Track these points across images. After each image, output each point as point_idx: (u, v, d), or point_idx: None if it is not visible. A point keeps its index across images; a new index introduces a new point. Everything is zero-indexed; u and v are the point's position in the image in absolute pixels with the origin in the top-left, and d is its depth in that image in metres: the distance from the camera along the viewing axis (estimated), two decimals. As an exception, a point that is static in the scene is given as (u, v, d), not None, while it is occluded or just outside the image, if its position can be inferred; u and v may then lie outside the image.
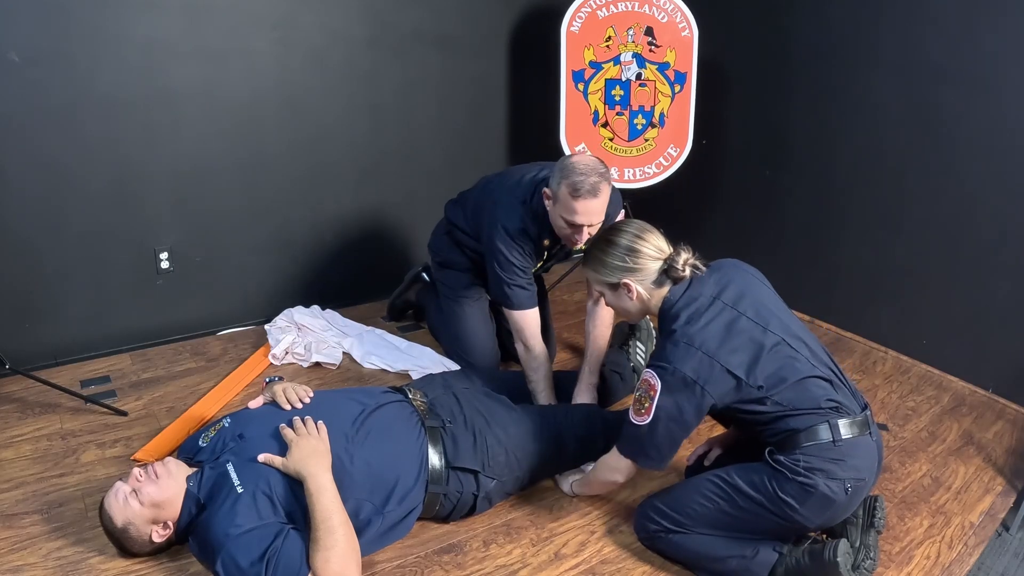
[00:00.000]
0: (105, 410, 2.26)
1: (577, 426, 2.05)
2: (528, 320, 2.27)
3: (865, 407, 1.70)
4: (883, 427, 2.40)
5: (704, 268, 1.74)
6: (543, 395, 2.27)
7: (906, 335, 2.91)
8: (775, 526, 1.68)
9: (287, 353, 2.61)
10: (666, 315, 1.71)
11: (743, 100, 3.36)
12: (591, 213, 2.04)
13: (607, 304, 1.87)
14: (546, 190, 2.12)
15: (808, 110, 3.10)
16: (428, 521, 1.86)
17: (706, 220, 3.57)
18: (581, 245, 2.14)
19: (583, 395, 2.30)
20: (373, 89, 3.03)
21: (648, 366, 1.68)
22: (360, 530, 1.63)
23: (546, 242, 2.24)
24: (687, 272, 1.72)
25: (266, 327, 2.76)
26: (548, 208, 2.13)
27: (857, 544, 1.74)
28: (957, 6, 2.55)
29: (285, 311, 2.83)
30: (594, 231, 2.11)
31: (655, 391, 1.63)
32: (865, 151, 2.92)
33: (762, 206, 3.35)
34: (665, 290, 1.73)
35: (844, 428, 1.62)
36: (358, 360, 2.65)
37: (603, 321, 2.36)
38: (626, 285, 1.74)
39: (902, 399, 2.62)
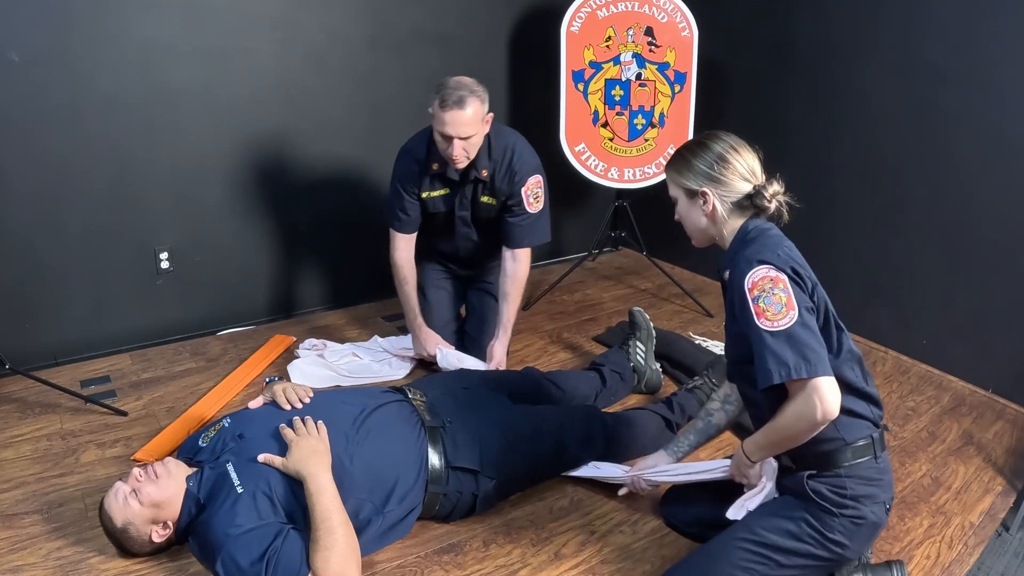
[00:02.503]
0: (105, 410, 2.26)
1: (577, 427, 2.05)
2: (394, 238, 2.53)
3: None
4: (883, 427, 2.39)
5: (788, 215, 1.60)
6: (407, 312, 2.52)
7: (906, 335, 2.91)
8: (824, 570, 1.54)
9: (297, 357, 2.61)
10: (746, 234, 1.55)
11: (743, 100, 3.35)
12: (458, 124, 2.18)
13: (677, 214, 1.65)
14: (429, 110, 2.25)
15: (808, 110, 3.10)
16: (428, 521, 1.85)
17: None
18: (459, 164, 2.28)
19: (497, 349, 2.46)
20: (373, 89, 3.03)
21: (742, 272, 1.45)
22: (360, 530, 1.63)
23: (435, 165, 2.35)
24: (772, 206, 1.56)
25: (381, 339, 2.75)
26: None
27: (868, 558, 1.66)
28: (957, 6, 2.54)
29: (375, 338, 2.77)
30: (471, 149, 2.26)
31: (782, 281, 1.41)
32: (865, 151, 2.92)
33: (762, 206, 3.35)
34: (742, 220, 1.58)
35: (879, 440, 1.49)
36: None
37: (516, 277, 2.49)
38: (704, 194, 1.57)
39: (902, 399, 2.62)
